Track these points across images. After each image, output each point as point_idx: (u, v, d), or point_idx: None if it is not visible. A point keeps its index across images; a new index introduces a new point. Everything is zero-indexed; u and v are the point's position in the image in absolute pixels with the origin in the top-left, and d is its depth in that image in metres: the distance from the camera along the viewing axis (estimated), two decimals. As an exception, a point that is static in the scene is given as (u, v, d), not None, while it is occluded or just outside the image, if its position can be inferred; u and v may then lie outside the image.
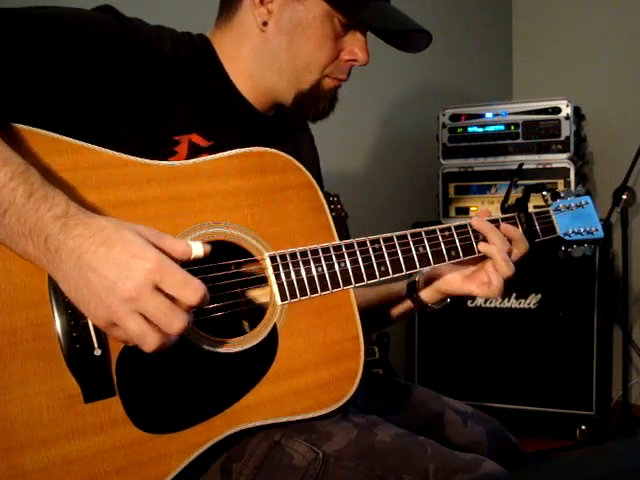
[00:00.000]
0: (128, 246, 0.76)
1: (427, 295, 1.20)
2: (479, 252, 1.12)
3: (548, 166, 2.49)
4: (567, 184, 2.45)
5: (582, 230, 1.25)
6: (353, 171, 2.65)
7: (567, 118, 2.48)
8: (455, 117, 2.64)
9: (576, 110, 2.57)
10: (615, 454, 0.60)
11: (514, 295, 2.53)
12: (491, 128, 2.59)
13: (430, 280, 1.19)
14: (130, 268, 0.75)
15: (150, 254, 0.76)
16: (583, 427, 2.44)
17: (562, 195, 1.27)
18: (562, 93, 2.58)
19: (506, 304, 2.54)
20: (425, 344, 2.63)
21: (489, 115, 2.60)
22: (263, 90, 1.12)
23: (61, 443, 0.80)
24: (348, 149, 2.58)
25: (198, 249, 0.81)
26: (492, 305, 2.54)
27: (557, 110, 2.50)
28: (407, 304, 1.23)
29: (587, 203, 1.27)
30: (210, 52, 1.10)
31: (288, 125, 1.24)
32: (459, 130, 2.63)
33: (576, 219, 1.25)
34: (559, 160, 2.48)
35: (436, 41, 1.17)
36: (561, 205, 1.25)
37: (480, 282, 1.12)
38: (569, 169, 2.46)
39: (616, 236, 2.69)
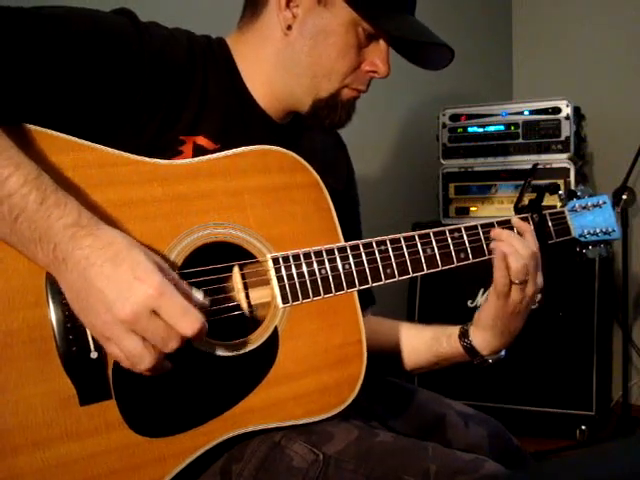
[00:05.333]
0: (134, 266, 0.76)
1: (477, 337, 1.15)
2: (489, 254, 1.10)
3: (548, 166, 2.48)
4: (567, 184, 2.44)
5: (598, 231, 1.21)
6: (353, 171, 2.65)
7: (567, 118, 2.48)
8: (455, 117, 2.64)
9: (576, 110, 2.56)
10: (615, 454, 0.60)
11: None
12: (491, 128, 2.59)
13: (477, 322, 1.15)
14: (131, 290, 0.75)
15: (153, 279, 0.76)
16: (583, 427, 2.43)
17: (579, 194, 1.23)
18: (562, 93, 2.57)
19: (506, 304, 2.54)
20: (425, 344, 2.63)
21: (489, 115, 2.60)
22: (280, 96, 1.11)
23: (56, 445, 0.80)
24: (348, 149, 2.58)
25: (196, 297, 0.81)
26: (492, 305, 2.54)
27: (557, 110, 2.50)
28: (457, 350, 1.16)
29: (605, 203, 1.22)
30: (227, 56, 1.09)
31: (307, 131, 1.21)
32: (459, 130, 2.63)
33: (592, 219, 1.21)
34: (559, 160, 2.48)
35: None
36: (577, 205, 1.21)
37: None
38: (569, 169, 2.46)
39: (616, 236, 2.69)
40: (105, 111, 0.93)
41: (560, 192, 1.23)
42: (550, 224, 1.19)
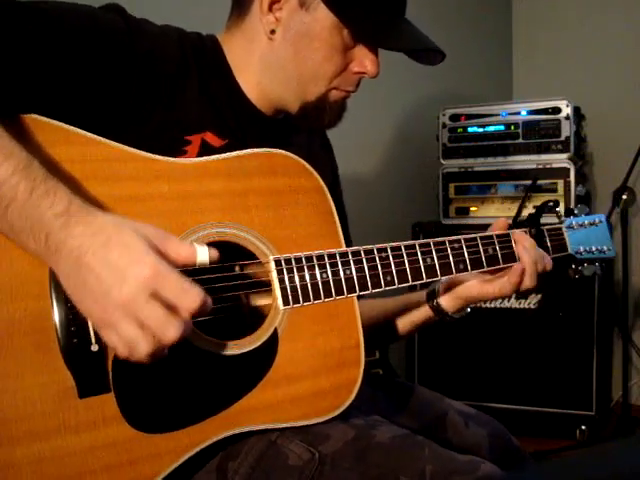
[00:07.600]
0: (127, 250, 0.76)
1: (447, 302, 1.18)
2: (486, 266, 1.11)
3: (548, 166, 2.49)
4: (567, 184, 2.45)
5: (594, 249, 1.24)
6: (353, 171, 2.65)
7: (567, 118, 2.48)
8: (455, 117, 2.64)
9: (576, 110, 2.56)
10: (615, 454, 0.60)
11: (514, 295, 2.52)
12: (491, 128, 2.59)
13: (450, 287, 1.18)
14: (127, 274, 0.75)
15: (148, 260, 0.75)
16: (583, 427, 2.44)
17: (576, 212, 1.26)
18: (562, 93, 2.57)
19: (506, 304, 2.54)
20: (425, 344, 2.63)
21: (489, 115, 2.60)
22: (271, 97, 1.10)
23: (53, 437, 0.80)
24: (348, 149, 2.57)
25: (203, 255, 0.80)
26: (492, 305, 2.54)
27: (557, 110, 2.50)
28: (426, 313, 1.20)
29: (601, 222, 1.25)
30: (219, 55, 1.09)
31: (301, 129, 1.21)
32: (459, 130, 2.63)
33: (588, 237, 1.24)
34: (559, 160, 2.48)
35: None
36: (574, 223, 1.24)
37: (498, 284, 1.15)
38: (569, 169, 2.46)
39: (616, 237, 2.69)
40: (99, 109, 0.92)
41: (558, 209, 1.26)
42: (547, 239, 1.20)
